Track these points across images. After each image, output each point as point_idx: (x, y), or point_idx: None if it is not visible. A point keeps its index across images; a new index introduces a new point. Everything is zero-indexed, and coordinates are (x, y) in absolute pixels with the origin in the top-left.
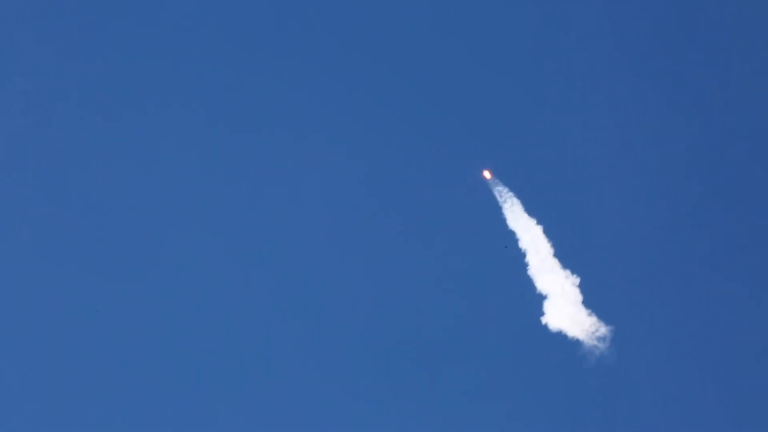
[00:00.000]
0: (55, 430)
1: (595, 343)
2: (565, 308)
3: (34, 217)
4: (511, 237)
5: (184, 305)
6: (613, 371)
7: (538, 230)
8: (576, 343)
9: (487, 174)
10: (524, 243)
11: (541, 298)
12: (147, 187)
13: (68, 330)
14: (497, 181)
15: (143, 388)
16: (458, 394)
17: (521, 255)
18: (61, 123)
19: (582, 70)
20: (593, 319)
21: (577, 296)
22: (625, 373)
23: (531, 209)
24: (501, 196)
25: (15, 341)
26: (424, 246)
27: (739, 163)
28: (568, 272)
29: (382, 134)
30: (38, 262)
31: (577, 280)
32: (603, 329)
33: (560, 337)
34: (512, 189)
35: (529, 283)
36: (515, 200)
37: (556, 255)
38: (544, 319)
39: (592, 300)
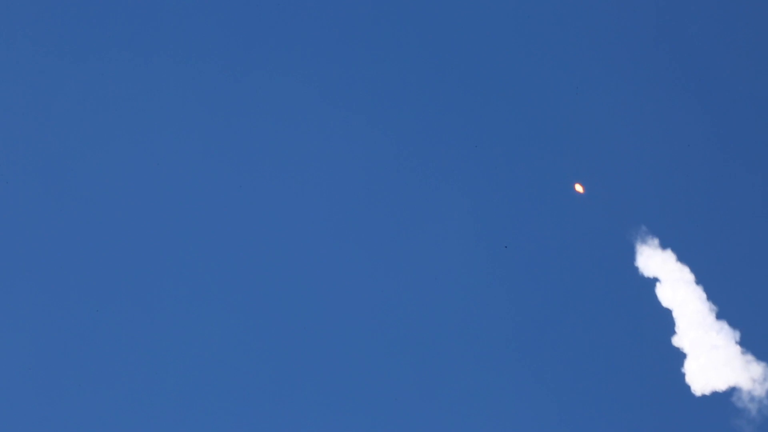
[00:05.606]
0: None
1: (755, 387)
2: (717, 357)
3: (32, 216)
4: (657, 304)
5: (183, 305)
6: None
7: (702, 296)
8: (731, 392)
9: (579, 188)
10: (679, 313)
11: (685, 355)
12: (145, 185)
13: (67, 330)
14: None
15: (141, 390)
16: None
17: (671, 321)
18: (59, 120)
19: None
20: (749, 357)
21: (733, 347)
22: None
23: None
24: (670, 275)
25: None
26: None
27: None
28: (724, 323)
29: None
30: (37, 260)
31: (737, 335)
32: (762, 370)
33: (712, 395)
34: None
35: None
36: (685, 269)
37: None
38: (688, 378)
39: (748, 341)
